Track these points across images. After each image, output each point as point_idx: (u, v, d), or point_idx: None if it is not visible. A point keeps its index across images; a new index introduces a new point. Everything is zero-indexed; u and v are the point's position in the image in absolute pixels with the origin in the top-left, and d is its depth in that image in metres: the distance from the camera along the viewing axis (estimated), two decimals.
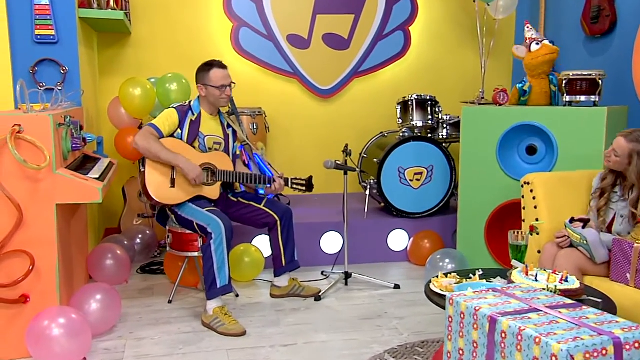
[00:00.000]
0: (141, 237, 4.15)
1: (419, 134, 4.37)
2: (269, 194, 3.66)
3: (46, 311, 2.60)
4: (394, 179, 4.25)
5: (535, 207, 3.04)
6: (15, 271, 2.62)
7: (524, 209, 3.15)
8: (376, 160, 4.26)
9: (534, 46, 3.60)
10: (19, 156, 2.53)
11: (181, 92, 4.04)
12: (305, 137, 5.02)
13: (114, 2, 3.86)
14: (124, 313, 3.20)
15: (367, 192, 4.38)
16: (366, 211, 4.33)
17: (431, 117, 4.37)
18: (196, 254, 3.35)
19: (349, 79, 5.03)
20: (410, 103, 4.36)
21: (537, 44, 3.59)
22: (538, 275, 2.31)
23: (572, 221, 2.79)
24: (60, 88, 3.46)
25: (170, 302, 3.42)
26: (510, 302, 1.90)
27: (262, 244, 3.89)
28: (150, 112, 4.11)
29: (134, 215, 4.33)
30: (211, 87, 3.28)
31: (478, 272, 2.56)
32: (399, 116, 4.44)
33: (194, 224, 3.18)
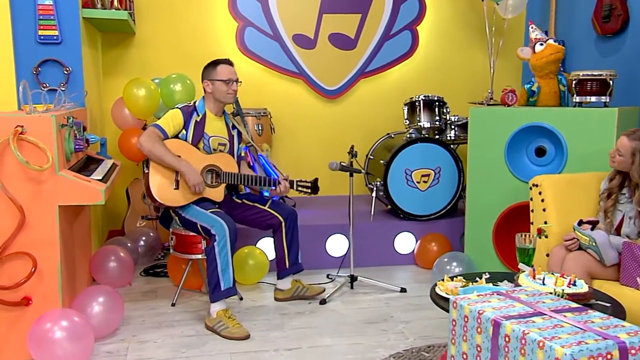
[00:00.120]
0: (145, 239, 4.14)
1: (426, 135, 4.33)
2: (274, 196, 3.63)
3: (48, 314, 2.58)
4: (401, 180, 4.21)
5: (544, 210, 2.99)
6: (17, 273, 2.61)
7: (532, 211, 3.11)
8: (383, 161, 4.22)
9: (538, 47, 3.55)
10: (22, 157, 2.52)
11: (185, 93, 4.02)
12: (311, 138, 4.98)
13: (117, 2, 3.85)
14: (127, 316, 3.18)
15: (374, 194, 4.34)
16: (372, 213, 4.29)
17: (439, 118, 4.32)
18: (200, 256, 3.33)
19: (355, 79, 5.00)
20: (417, 104, 4.32)
21: (542, 45, 3.54)
22: (545, 278, 2.28)
23: (581, 223, 2.76)
24: (64, 89, 3.44)
25: (173, 305, 3.40)
26: (514, 306, 1.88)
27: (267, 246, 3.86)
28: (155, 112, 4.09)
29: (137, 217, 4.32)
30: (218, 81, 3.26)
31: (485, 276, 2.52)
32: (406, 117, 4.40)
33: (197, 225, 3.16)
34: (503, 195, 3.58)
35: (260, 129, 4.40)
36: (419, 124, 4.30)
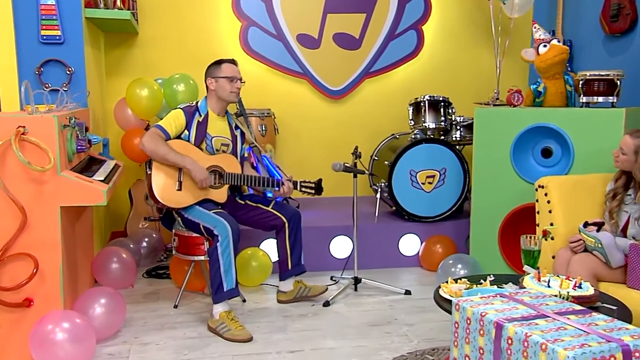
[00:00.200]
0: (147, 240, 4.12)
1: (431, 136, 4.30)
2: (278, 197, 3.61)
3: (50, 315, 2.58)
4: (406, 182, 4.18)
5: (550, 212, 2.97)
6: (18, 274, 2.60)
7: (538, 213, 3.08)
8: (387, 162, 4.19)
9: (542, 48, 3.52)
10: (23, 158, 2.51)
11: (188, 93, 4.00)
12: (315, 138, 4.96)
13: (120, 1, 3.83)
14: (129, 317, 3.17)
15: (378, 196, 4.31)
16: (377, 215, 4.26)
17: (444, 119, 4.29)
18: (202, 257, 3.31)
19: (360, 79, 4.97)
20: (422, 104, 4.29)
21: (545, 46, 3.51)
22: (551, 281, 2.25)
23: (587, 225, 2.73)
24: (66, 89, 3.43)
25: (176, 306, 3.38)
26: (517, 308, 1.86)
27: (270, 248, 3.83)
28: (157, 113, 4.07)
29: (140, 219, 4.30)
30: (222, 78, 3.25)
31: (489, 278, 2.49)
32: (411, 117, 4.37)
33: (200, 226, 3.14)
34: (509, 196, 3.55)
35: (264, 129, 4.37)
36: (424, 124, 4.27)
